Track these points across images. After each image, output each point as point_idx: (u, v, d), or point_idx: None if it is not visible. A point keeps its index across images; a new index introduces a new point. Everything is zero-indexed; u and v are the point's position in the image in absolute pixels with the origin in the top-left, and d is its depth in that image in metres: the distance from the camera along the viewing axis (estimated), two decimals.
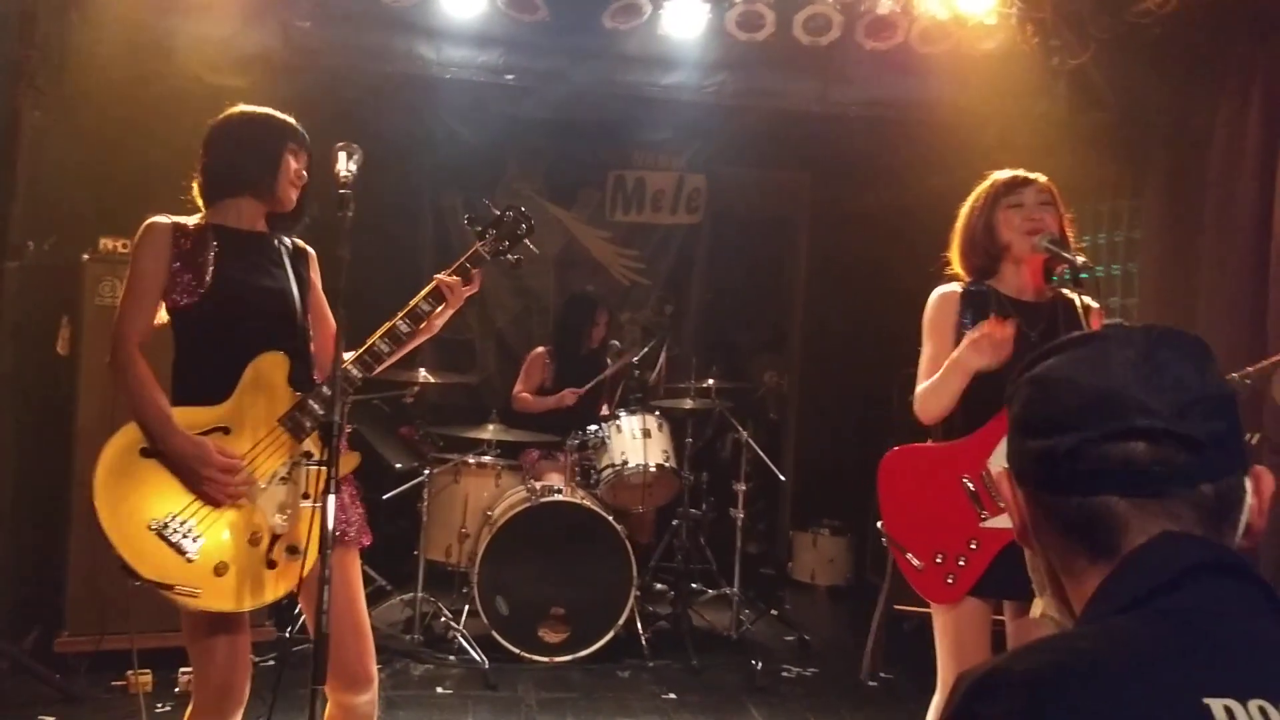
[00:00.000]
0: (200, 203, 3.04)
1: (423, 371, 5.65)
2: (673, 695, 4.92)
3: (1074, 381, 1.11)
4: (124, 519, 2.74)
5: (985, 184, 3.12)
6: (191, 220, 2.99)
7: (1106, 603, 1.09)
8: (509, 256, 3.24)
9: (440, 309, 3.08)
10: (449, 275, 3.09)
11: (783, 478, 6.35)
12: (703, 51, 5.05)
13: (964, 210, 3.15)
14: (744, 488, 6.04)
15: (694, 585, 6.29)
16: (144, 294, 2.88)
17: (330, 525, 2.47)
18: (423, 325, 3.07)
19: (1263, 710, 0.98)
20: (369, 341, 3.00)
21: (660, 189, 7.79)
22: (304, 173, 3.05)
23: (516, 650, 5.16)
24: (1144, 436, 1.07)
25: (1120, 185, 5.42)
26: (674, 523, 6.17)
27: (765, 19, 4.62)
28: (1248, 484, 1.12)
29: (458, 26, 4.99)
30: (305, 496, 2.88)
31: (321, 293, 3.21)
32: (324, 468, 2.60)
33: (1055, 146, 4.74)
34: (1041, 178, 3.07)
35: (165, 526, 2.72)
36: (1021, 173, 3.08)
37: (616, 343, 6.64)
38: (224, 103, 4.31)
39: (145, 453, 2.77)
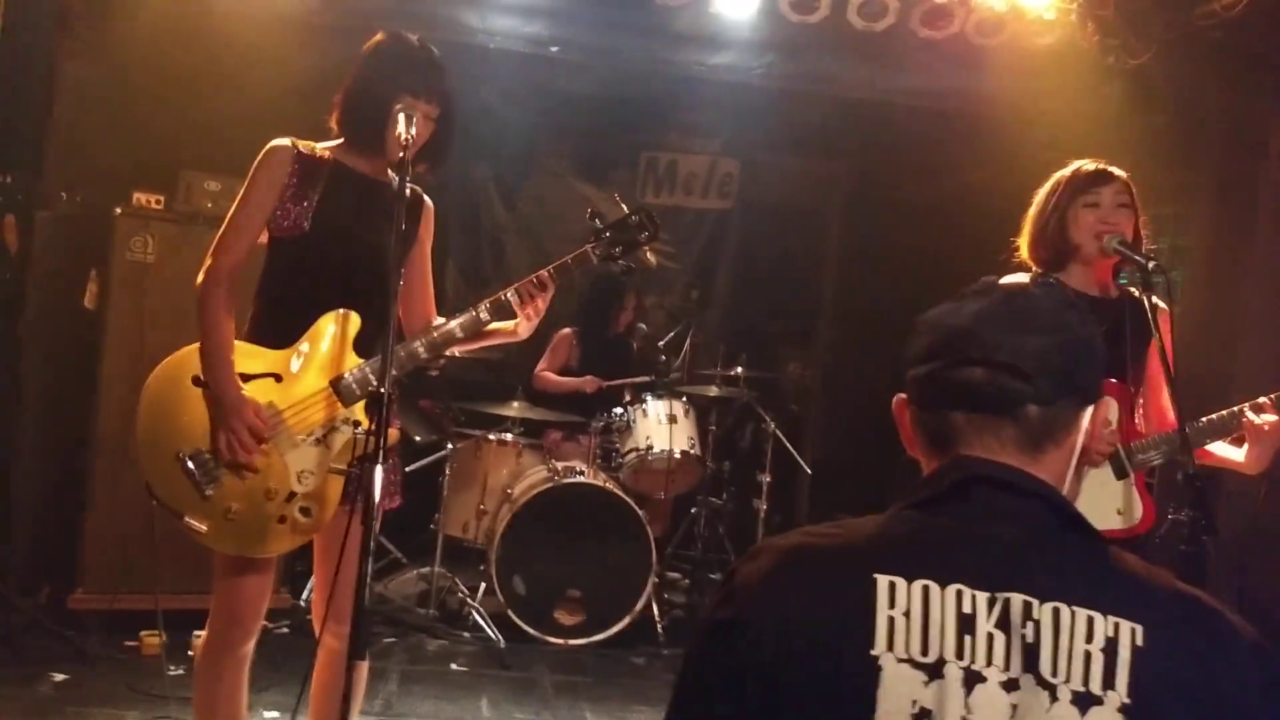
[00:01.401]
0: (335, 132, 2.94)
1: None
2: None
3: (937, 324, 1.37)
4: (157, 440, 2.78)
5: (1065, 172, 3.03)
6: (321, 147, 2.92)
7: (905, 499, 1.33)
8: (620, 262, 3.13)
9: (528, 307, 2.97)
10: (550, 271, 2.98)
11: (808, 470, 6.27)
12: (753, 32, 4.95)
13: (1039, 198, 3.06)
14: (767, 479, 5.97)
15: (711, 575, 6.21)
16: (247, 220, 2.84)
17: (377, 496, 2.37)
18: (503, 326, 2.99)
19: (925, 589, 1.21)
20: (444, 324, 2.94)
21: (692, 172, 7.70)
22: (415, 127, 2.75)
23: (532, 630, 5.11)
24: (981, 364, 1.30)
25: (1169, 190, 5.32)
26: (693, 510, 6.11)
27: (820, 2, 4.53)
28: (1086, 411, 1.35)
29: None
30: (336, 464, 2.81)
31: (427, 252, 3.11)
32: (369, 436, 2.52)
33: (1105, 147, 4.59)
34: (1122, 174, 2.98)
35: (191, 459, 2.73)
36: (1104, 166, 2.99)
37: (643, 326, 6.57)
38: (262, 62, 4.24)
39: (196, 381, 2.78)
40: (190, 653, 4.40)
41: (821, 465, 7.51)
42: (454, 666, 4.77)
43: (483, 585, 5.26)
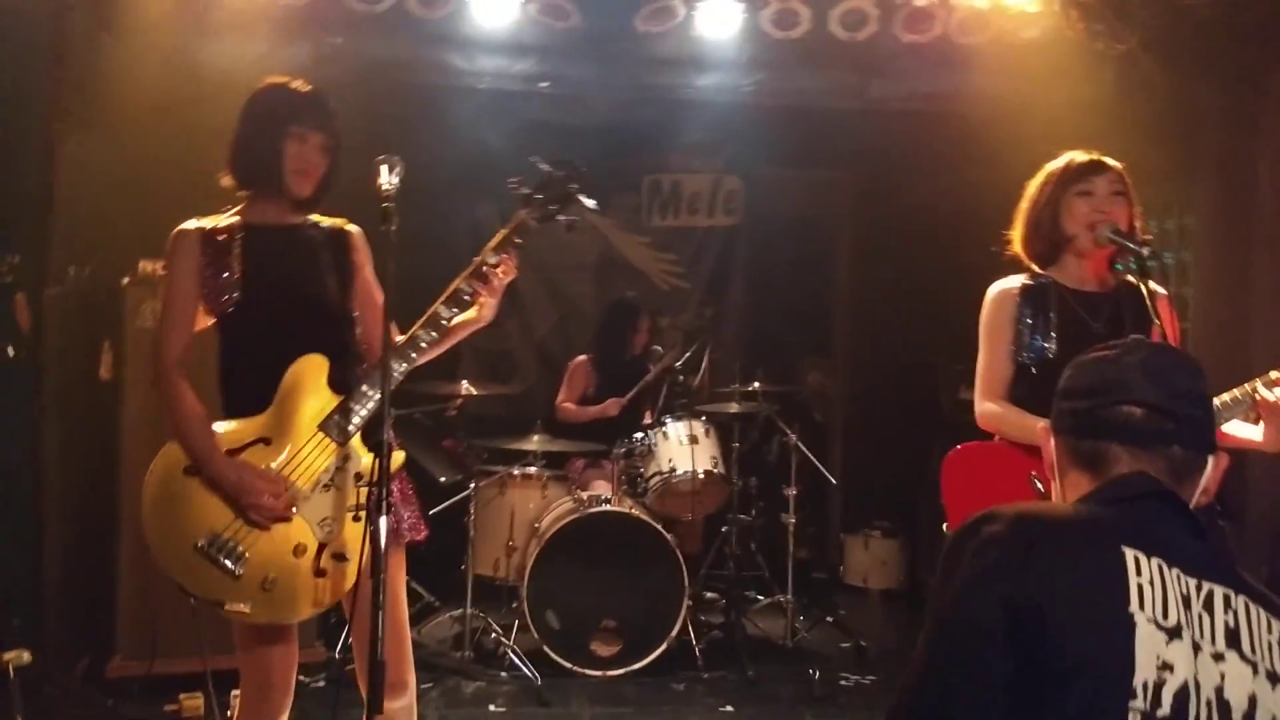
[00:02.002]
0: (234, 192, 2.99)
1: (464, 384, 5.61)
2: (729, 708, 4.84)
3: (1098, 368, 1.66)
4: (172, 540, 2.77)
5: (1058, 163, 3.02)
6: (224, 220, 2.93)
7: (1090, 500, 1.60)
8: (561, 218, 3.04)
9: (483, 292, 2.93)
10: (491, 250, 2.95)
11: (833, 480, 6.24)
12: (738, 52, 4.97)
13: (1031, 189, 3.05)
14: (794, 492, 5.95)
15: (746, 593, 6.18)
16: (178, 308, 2.86)
17: (383, 545, 2.40)
18: (466, 316, 2.95)
19: (1160, 566, 1.47)
20: (410, 331, 2.91)
21: (696, 191, 7.71)
22: (315, 155, 2.88)
23: (568, 665, 5.09)
24: (1140, 405, 1.59)
25: (1170, 171, 5.29)
26: (724, 529, 6.09)
27: (800, 16, 4.54)
28: (1210, 460, 1.63)
29: (490, 36, 4.94)
30: (352, 507, 2.81)
31: (369, 277, 3.08)
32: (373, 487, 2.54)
33: (1103, 134, 4.57)
34: (1116, 164, 2.97)
35: (210, 545, 2.73)
36: (1096, 156, 2.98)
37: (658, 348, 6.57)
38: None
39: (188, 471, 2.77)
40: (229, 713, 4.44)
41: (851, 472, 7.48)
42: (492, 708, 4.76)
43: (516, 623, 5.25)
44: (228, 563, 2.72)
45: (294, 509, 2.77)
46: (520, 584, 5.16)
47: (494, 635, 5.32)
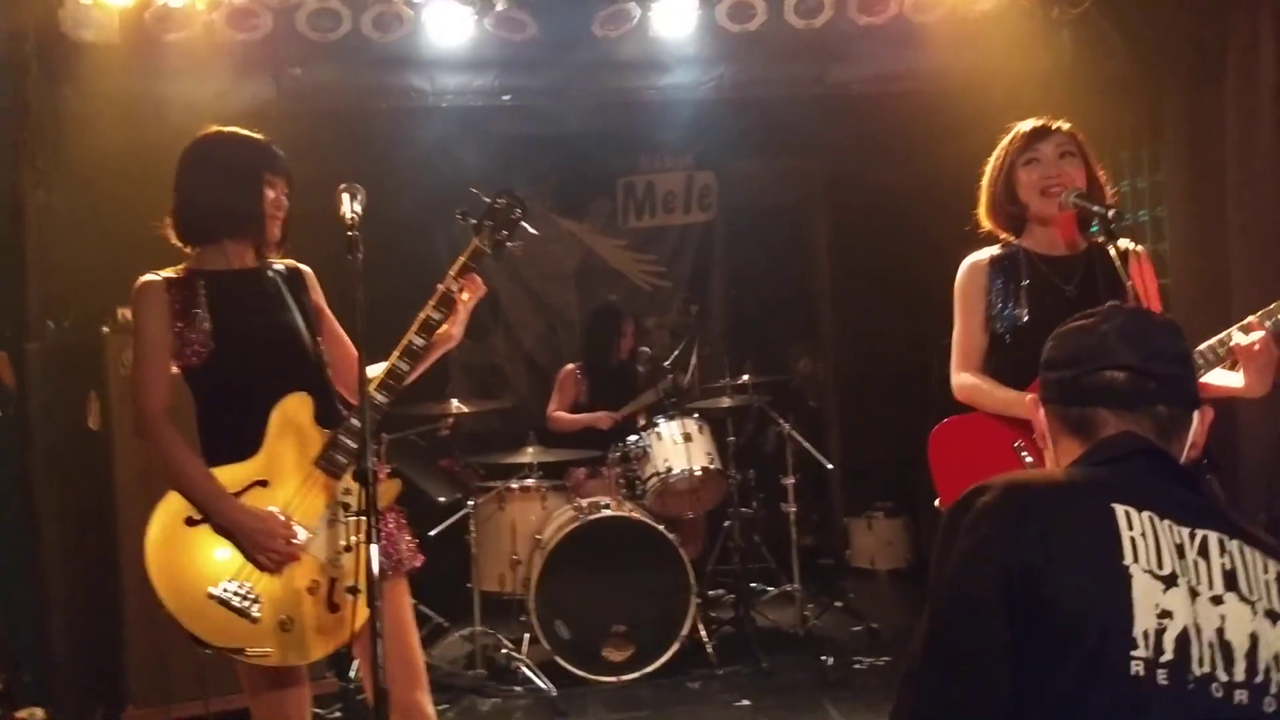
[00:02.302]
0: (181, 246, 2.99)
1: (455, 402, 5.60)
2: (746, 702, 4.84)
3: (1078, 338, 1.70)
4: (183, 593, 2.75)
5: (1007, 137, 3.04)
6: (182, 270, 2.94)
7: (1081, 463, 1.65)
8: (510, 245, 3.14)
9: (451, 316, 2.99)
10: (453, 278, 3.01)
11: (829, 465, 6.24)
12: (697, 48, 4.98)
13: (989, 166, 3.07)
14: (793, 480, 5.95)
15: (754, 585, 6.18)
16: (154, 358, 2.85)
17: (375, 572, 2.43)
18: (438, 336, 2.98)
19: (1151, 519, 1.52)
20: (388, 363, 2.93)
21: (670, 190, 7.72)
22: (283, 199, 2.97)
23: (582, 673, 5.09)
24: (1122, 369, 1.63)
25: (1138, 130, 5.30)
26: (726, 524, 6.09)
27: (756, 8, 4.54)
28: (1195, 416, 1.68)
29: (449, 54, 4.94)
30: (351, 540, 2.82)
31: (328, 313, 3.14)
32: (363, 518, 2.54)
33: (1066, 98, 4.64)
34: (1064, 126, 2.98)
35: (224, 593, 2.72)
36: (1042, 122, 2.99)
37: (647, 349, 6.57)
38: None
39: (190, 521, 2.76)
40: None
41: (850, 455, 7.50)
42: None
43: (526, 636, 5.26)
44: (245, 607, 2.72)
45: (303, 548, 2.78)
46: (527, 597, 5.16)
47: (505, 650, 5.31)
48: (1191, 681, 1.44)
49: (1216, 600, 1.48)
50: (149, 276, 2.92)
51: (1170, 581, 1.47)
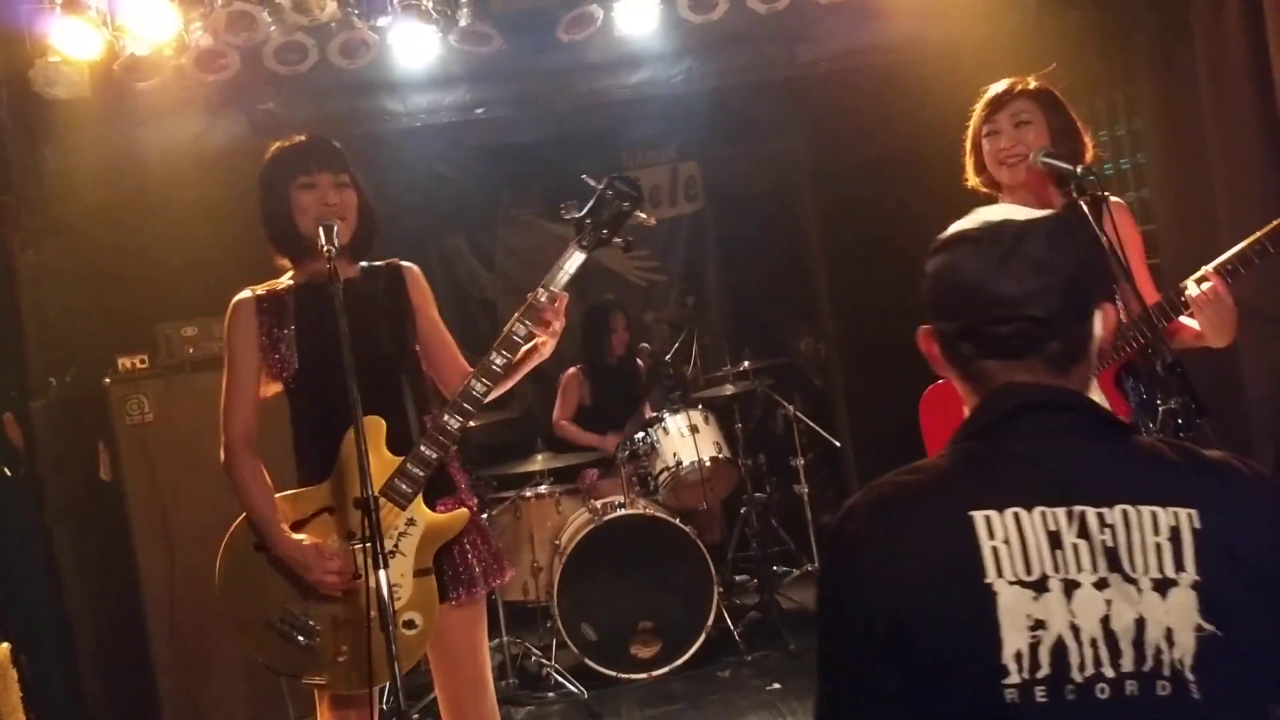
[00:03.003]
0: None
1: None
2: (777, 685, 4.87)
3: (954, 279, 1.50)
4: (248, 618, 2.84)
5: (980, 102, 3.07)
6: (280, 284, 2.94)
7: (962, 431, 1.52)
8: (617, 240, 2.94)
9: (539, 330, 2.85)
10: (543, 288, 2.87)
11: (837, 443, 6.26)
12: (663, 43, 4.99)
13: (969, 132, 3.10)
14: (802, 461, 5.97)
15: (775, 568, 6.21)
16: (238, 382, 2.87)
17: (387, 597, 2.42)
18: (522, 354, 2.87)
19: (1015, 516, 1.38)
20: (462, 384, 2.85)
21: (655, 184, 7.73)
22: (333, 195, 2.83)
23: (612, 673, 5.12)
24: (1004, 321, 1.46)
25: (1111, 78, 5.30)
26: (742, 511, 6.11)
27: None
28: (1097, 322, 1.51)
29: (417, 74, 4.95)
30: (418, 571, 2.81)
31: (432, 314, 3.05)
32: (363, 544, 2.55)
33: (1035, 55, 4.62)
34: (1028, 86, 2.99)
35: (282, 621, 2.78)
36: (1001, 88, 3.01)
37: (646, 345, 6.59)
38: (204, 200, 4.30)
39: (257, 547, 2.83)
40: None
41: (860, 430, 7.49)
42: None
43: (554, 641, 5.29)
44: (300, 638, 2.77)
45: (359, 578, 2.75)
46: (551, 603, 5.20)
47: (534, 658, 5.36)
48: (1072, 691, 1.34)
49: (1101, 584, 1.36)
50: (242, 294, 2.91)
51: (1040, 587, 1.36)
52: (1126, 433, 1.51)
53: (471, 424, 2.85)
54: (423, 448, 2.80)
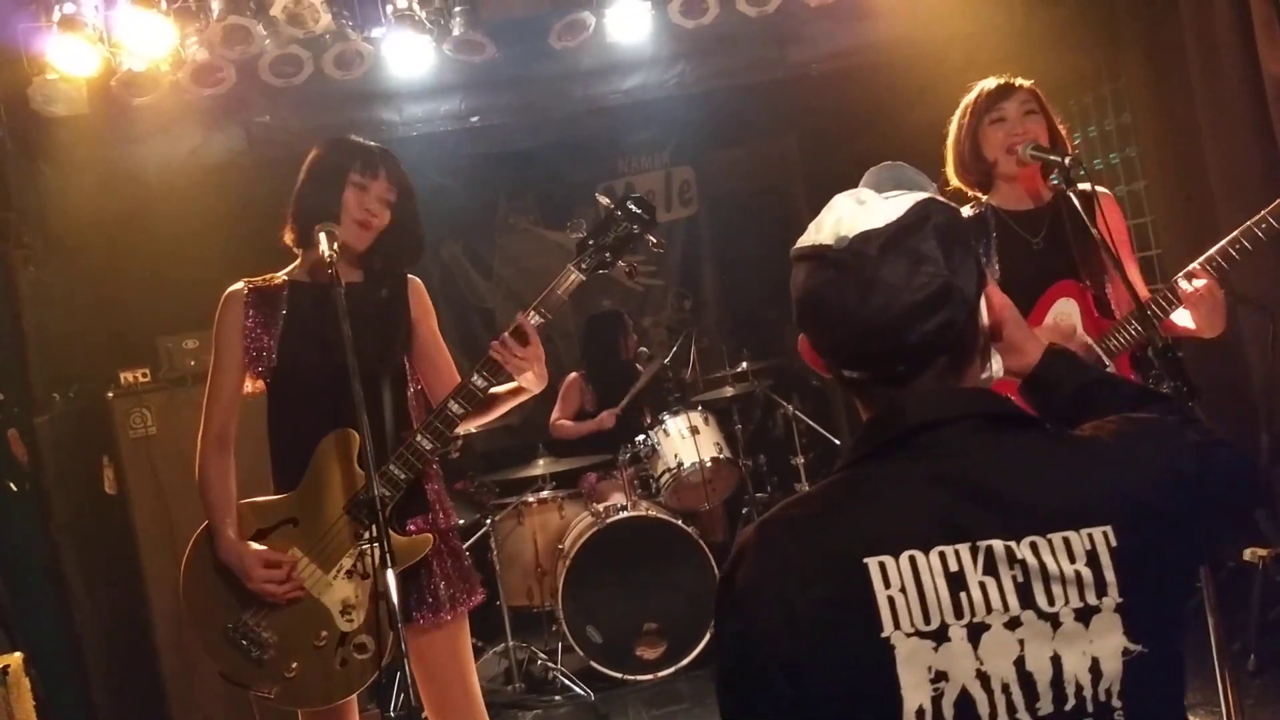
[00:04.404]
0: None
1: None
2: None
3: (820, 314, 1.40)
4: (206, 623, 2.80)
5: (971, 95, 3.10)
6: (277, 277, 2.89)
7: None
8: (622, 264, 2.85)
9: (522, 352, 2.74)
10: (530, 312, 2.78)
11: (837, 441, 6.29)
12: (655, 48, 5.03)
13: (952, 125, 3.13)
14: (803, 460, 6.00)
15: None
16: (219, 377, 2.84)
17: (395, 597, 2.33)
18: (504, 376, 2.78)
19: (911, 559, 1.28)
20: (438, 405, 2.78)
21: (650, 189, 7.78)
22: (376, 205, 2.79)
23: (618, 675, 5.15)
24: (879, 356, 1.37)
25: (1098, 73, 5.35)
26: (744, 511, 6.14)
27: (707, 2, 4.58)
28: (982, 310, 1.45)
29: (412, 83, 4.99)
30: (376, 594, 2.69)
31: (432, 327, 2.99)
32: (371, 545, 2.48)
33: (1023, 52, 4.68)
34: (1025, 83, 3.04)
35: (236, 630, 2.74)
36: (1005, 81, 3.05)
37: (645, 349, 6.63)
38: (202, 213, 4.32)
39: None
40: None
41: (859, 426, 7.52)
42: None
43: (560, 645, 5.32)
44: (253, 650, 2.74)
45: (313, 593, 2.75)
46: (556, 607, 5.22)
47: (540, 662, 5.38)
48: None
49: (1013, 624, 1.27)
50: (235, 285, 2.86)
51: (940, 636, 1.27)
52: (1032, 425, 1.41)
53: (448, 445, 2.81)
54: (392, 467, 2.71)
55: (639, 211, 2.82)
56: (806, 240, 1.45)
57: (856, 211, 1.42)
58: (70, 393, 4.82)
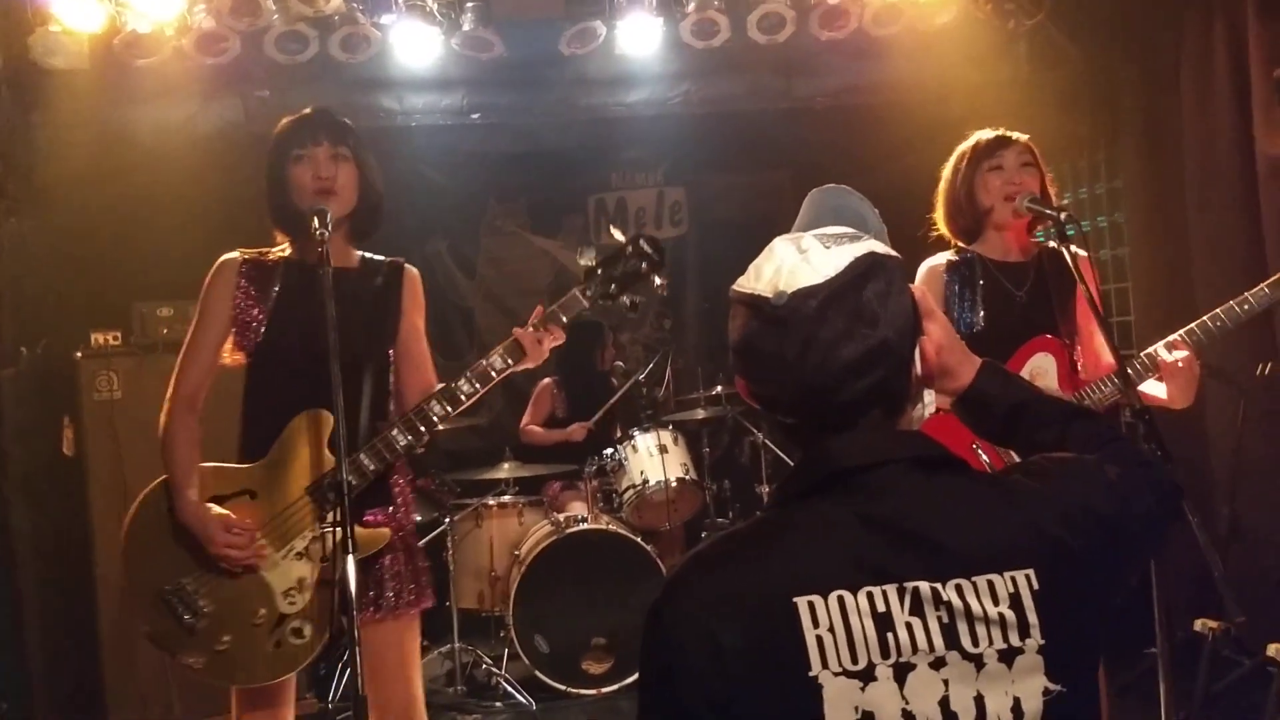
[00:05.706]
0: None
1: None
2: None
3: (756, 369, 1.42)
4: (140, 581, 2.74)
5: (967, 144, 3.12)
6: (274, 252, 2.88)
7: (785, 490, 1.43)
8: (625, 299, 2.90)
9: (513, 368, 2.82)
10: (531, 327, 2.83)
11: None
12: (663, 65, 5.05)
13: (946, 172, 3.15)
14: (766, 489, 6.00)
15: None
16: (200, 339, 2.81)
17: (353, 587, 2.30)
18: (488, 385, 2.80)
19: (840, 599, 1.28)
20: (420, 403, 2.78)
21: (641, 206, 7.79)
22: (328, 166, 2.75)
23: (562, 687, 5.10)
24: (815, 412, 1.38)
25: (1095, 138, 5.40)
26: (703, 535, 6.12)
27: (719, 24, 4.61)
28: (917, 361, 1.46)
29: (417, 74, 4.99)
30: (323, 580, 2.69)
31: (417, 323, 3.00)
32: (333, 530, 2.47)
33: (1023, 108, 4.72)
34: (1022, 137, 3.07)
35: (174, 594, 2.69)
36: (1003, 132, 3.08)
37: (621, 364, 6.63)
38: (193, 183, 4.30)
39: (171, 510, 2.73)
40: None
41: None
42: None
43: (506, 652, 5.27)
44: (186, 616, 2.69)
45: (259, 570, 2.71)
46: (506, 613, 5.17)
47: (485, 666, 5.33)
48: None
49: (938, 664, 1.29)
50: (229, 254, 2.84)
51: (867, 676, 1.27)
52: (959, 469, 1.42)
53: (422, 443, 2.77)
54: (363, 457, 2.70)
55: (650, 252, 2.88)
56: (746, 285, 1.45)
57: (797, 263, 1.42)
58: (39, 349, 4.76)
